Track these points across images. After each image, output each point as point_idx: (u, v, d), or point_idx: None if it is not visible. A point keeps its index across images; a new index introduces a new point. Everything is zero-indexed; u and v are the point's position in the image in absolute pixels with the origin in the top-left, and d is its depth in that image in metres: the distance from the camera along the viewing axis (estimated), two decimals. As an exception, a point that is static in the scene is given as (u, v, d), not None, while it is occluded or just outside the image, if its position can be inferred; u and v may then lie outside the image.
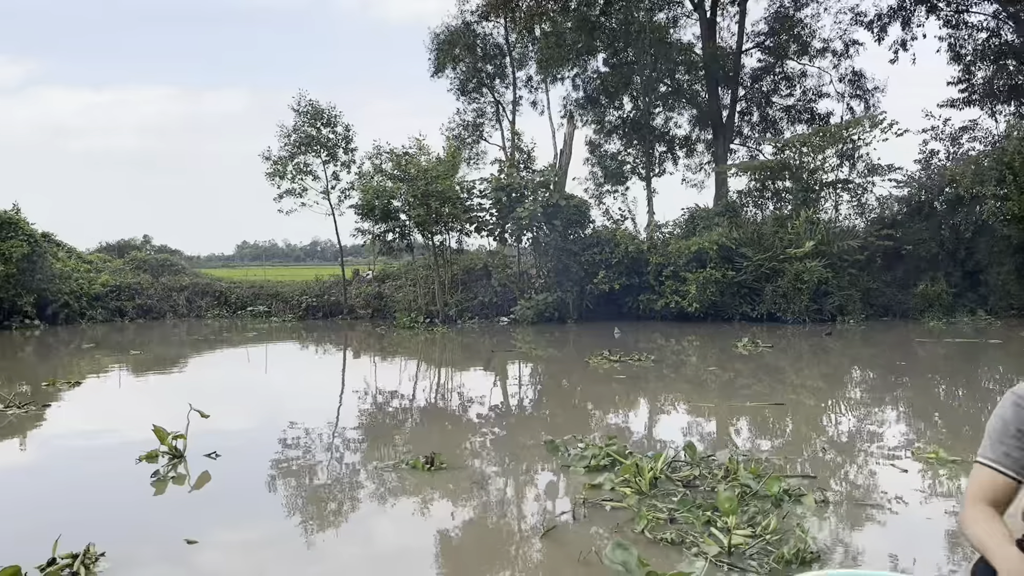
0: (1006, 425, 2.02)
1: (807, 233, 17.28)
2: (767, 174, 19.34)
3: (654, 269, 18.30)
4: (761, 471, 4.33)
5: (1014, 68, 21.30)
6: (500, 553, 3.62)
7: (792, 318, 16.87)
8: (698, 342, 14.33)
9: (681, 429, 6.60)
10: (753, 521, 3.64)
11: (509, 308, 19.50)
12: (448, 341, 16.00)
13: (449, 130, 26.34)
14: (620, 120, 24.71)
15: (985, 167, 16.78)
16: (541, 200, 18.79)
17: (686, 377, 10.10)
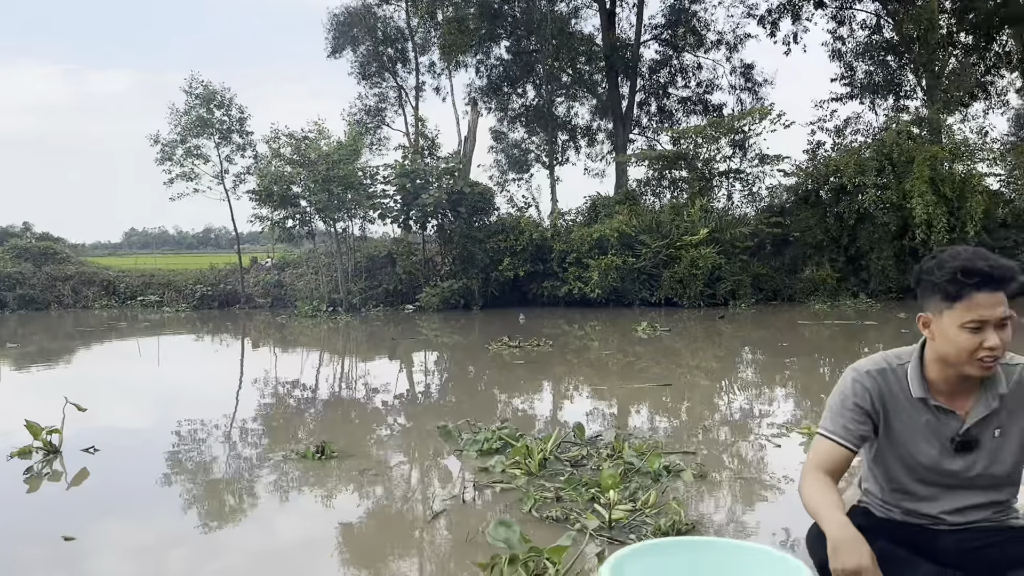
0: (844, 399, 2.20)
1: (702, 221, 17.94)
2: (664, 164, 19.97)
3: (558, 256, 18.62)
4: (645, 449, 4.52)
5: (893, 64, 22.66)
6: (386, 539, 3.66)
7: (688, 303, 17.49)
8: (600, 327, 14.68)
9: (574, 411, 6.79)
10: (634, 496, 3.80)
11: (414, 296, 19.45)
12: (352, 330, 15.83)
13: (350, 115, 25.98)
14: (523, 108, 24.93)
15: (866, 158, 17.82)
16: (446, 187, 18.80)
17: (586, 361, 10.36)
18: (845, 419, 2.17)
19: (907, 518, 2.22)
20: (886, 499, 2.26)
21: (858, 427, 2.17)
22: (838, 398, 2.22)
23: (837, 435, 2.17)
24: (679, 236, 17.82)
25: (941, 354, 2.08)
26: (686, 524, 3.50)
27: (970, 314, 1.98)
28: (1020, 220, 17.70)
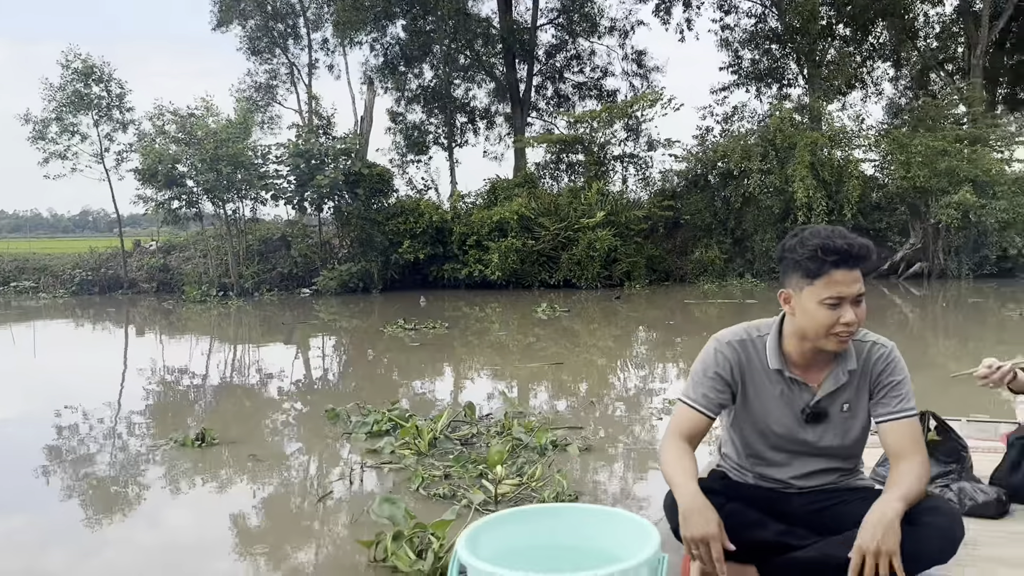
0: (706, 368, 2.33)
1: (598, 204, 18.34)
2: (562, 147, 20.27)
3: (458, 238, 18.64)
4: (533, 425, 4.64)
5: (777, 53, 23.68)
6: (269, 524, 3.64)
7: (586, 284, 17.87)
8: (500, 308, 14.84)
9: (468, 392, 6.88)
10: (521, 471, 3.91)
11: (311, 279, 19.06)
12: (244, 315, 15.39)
13: (239, 91, 25.03)
14: (421, 89, 24.69)
15: (752, 144, 18.61)
16: (343, 168, 18.46)
17: (487, 342, 10.46)
18: (705, 387, 2.30)
19: (760, 482, 2.38)
20: (741, 464, 2.42)
21: (717, 395, 2.29)
22: (700, 367, 2.34)
23: (697, 403, 2.30)
24: (577, 219, 18.16)
25: (800, 328, 2.22)
26: (570, 495, 3.64)
27: (828, 290, 2.10)
28: (892, 203, 18.89)
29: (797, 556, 2.15)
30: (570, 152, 20.34)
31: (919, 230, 18.24)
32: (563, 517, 1.83)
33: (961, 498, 2.74)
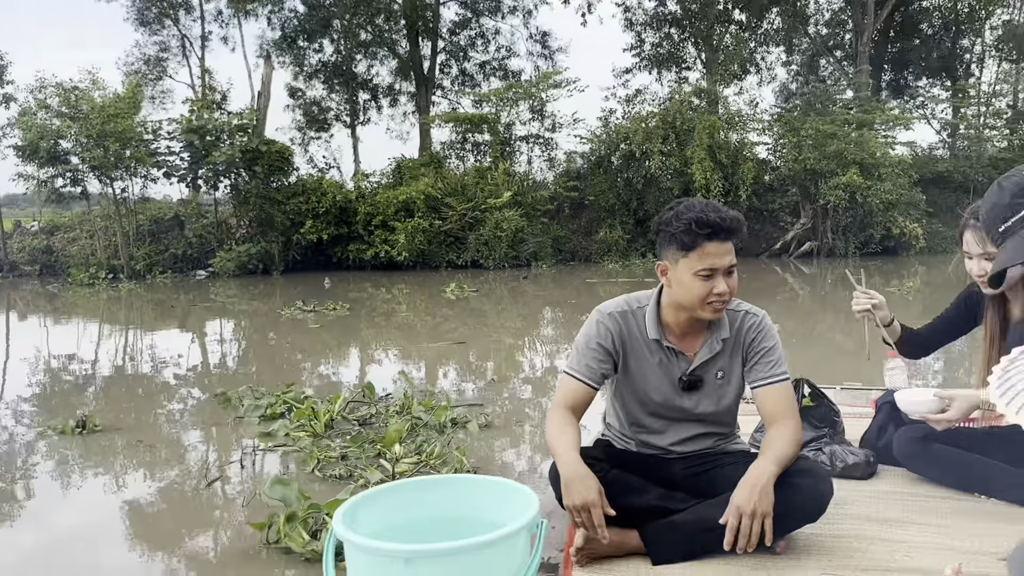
0: (589, 340, 2.39)
1: (505, 185, 18.40)
2: (467, 127, 20.19)
3: (363, 219, 18.36)
4: (433, 404, 4.65)
5: (677, 37, 24.25)
6: (157, 511, 3.53)
7: (494, 264, 17.94)
8: (408, 289, 14.72)
9: (369, 372, 6.83)
10: (420, 449, 3.92)
11: (207, 261, 18.39)
12: (136, 298, 14.73)
13: (127, 64, 23.78)
14: (321, 65, 24.06)
15: (653, 127, 19.03)
16: (239, 144, 17.84)
17: (393, 323, 10.37)
18: (588, 358, 2.36)
19: (642, 449, 2.47)
20: (624, 432, 2.50)
21: (600, 365, 2.36)
22: (583, 339, 2.40)
23: (581, 374, 2.36)
24: (484, 199, 18.17)
25: (676, 299, 2.31)
26: (468, 470, 3.67)
27: (702, 262, 2.18)
28: (784, 185, 19.72)
29: (675, 519, 2.25)
30: (476, 132, 20.30)
31: (809, 211, 19.13)
32: (445, 489, 1.84)
33: (833, 460, 2.91)
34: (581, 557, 2.18)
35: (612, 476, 2.25)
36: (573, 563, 2.19)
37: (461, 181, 18.89)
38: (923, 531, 2.47)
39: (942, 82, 24.86)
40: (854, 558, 2.28)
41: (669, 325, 2.37)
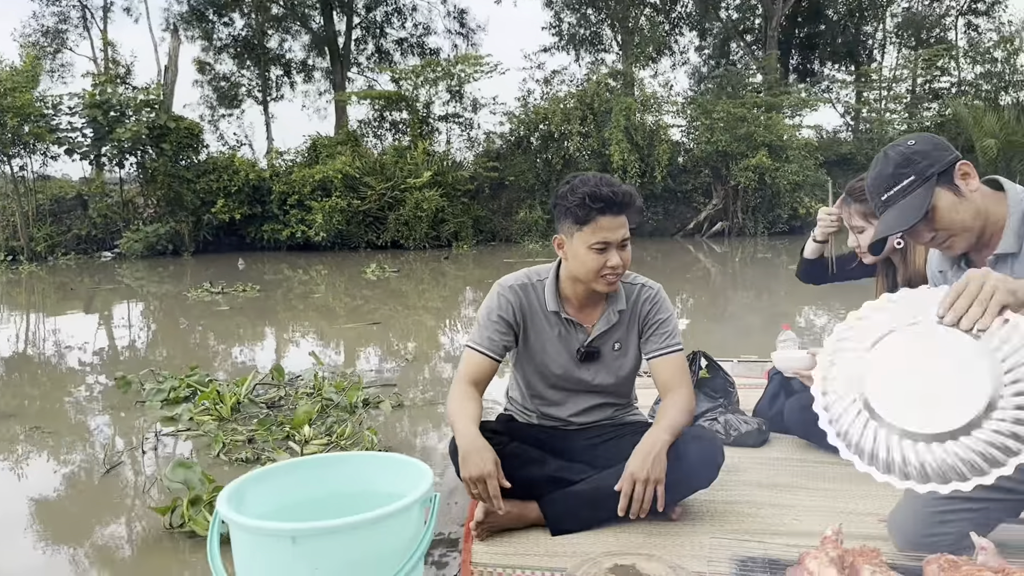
0: (490, 312, 2.40)
1: (425, 164, 18.22)
2: (385, 104, 19.88)
3: (278, 198, 17.89)
4: (345, 385, 4.59)
5: (594, 18, 24.40)
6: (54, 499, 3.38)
7: (414, 245, 17.79)
8: (326, 270, 14.46)
9: (280, 354, 6.70)
10: (330, 430, 3.87)
11: (113, 242, 17.63)
12: (38, 281, 13.99)
13: (24, 36, 22.44)
14: (231, 39, 23.22)
15: (571, 108, 19.14)
16: (146, 121, 17.10)
17: (311, 305, 10.14)
18: (490, 331, 2.37)
19: (543, 421, 2.51)
20: (526, 405, 2.53)
21: (501, 338, 2.38)
22: (485, 311, 2.41)
23: (482, 346, 2.37)
24: (403, 179, 17.95)
25: (572, 272, 2.34)
26: (379, 449, 3.64)
27: (596, 236, 2.21)
28: (697, 166, 20.14)
29: (573, 490, 2.29)
30: (394, 110, 19.99)
31: (721, 191, 19.64)
32: (338, 467, 1.82)
33: (727, 429, 3.01)
34: (481, 530, 2.20)
35: (511, 449, 2.28)
36: (473, 536, 2.21)
37: (379, 160, 18.60)
38: (811, 495, 2.59)
39: (846, 67, 25.81)
40: (745, 523, 2.37)
41: (568, 297, 2.40)
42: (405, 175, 17.98)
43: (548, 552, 2.16)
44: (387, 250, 17.67)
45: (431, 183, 17.83)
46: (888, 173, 1.85)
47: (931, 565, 1.65)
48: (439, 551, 2.18)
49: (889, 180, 1.85)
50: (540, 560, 2.11)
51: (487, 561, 2.10)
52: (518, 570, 2.05)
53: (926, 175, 1.81)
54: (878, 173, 1.88)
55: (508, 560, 2.10)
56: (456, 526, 2.34)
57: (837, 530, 1.80)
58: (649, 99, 19.90)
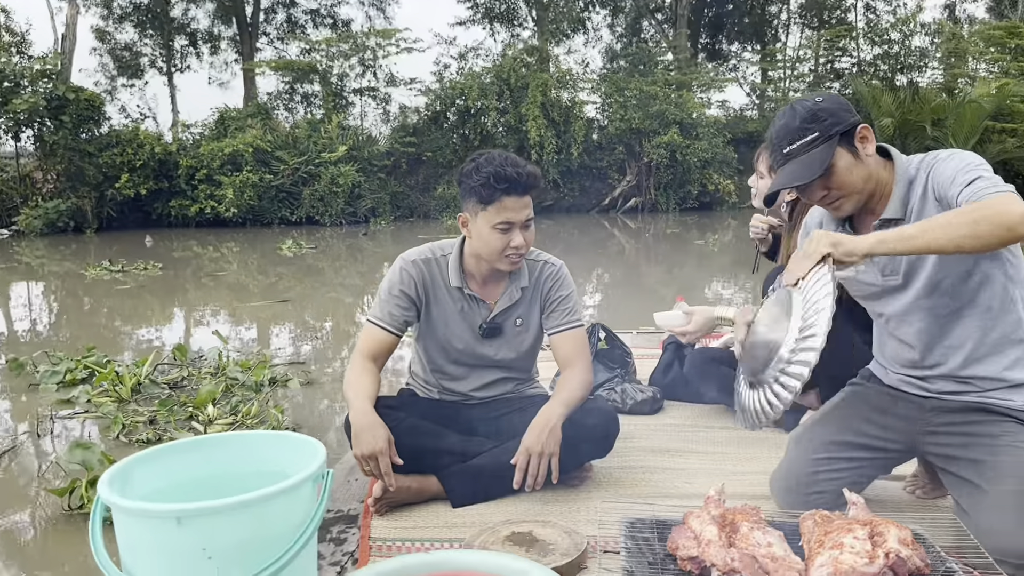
0: (392, 287, 2.38)
1: (339, 138, 17.84)
2: (296, 76, 19.32)
3: (185, 172, 17.21)
4: (250, 364, 4.50)
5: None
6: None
7: (330, 220, 17.44)
8: (238, 247, 14.04)
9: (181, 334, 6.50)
10: (235, 409, 3.79)
11: (10, 219, 16.63)
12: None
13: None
14: (132, 6, 22.06)
15: (487, 83, 19.04)
16: (43, 92, 16.14)
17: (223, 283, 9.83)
18: (391, 306, 2.36)
19: (444, 396, 2.52)
20: (428, 380, 2.53)
21: (403, 313, 2.37)
22: (386, 286, 2.39)
23: (383, 321, 2.35)
24: (317, 153, 17.53)
25: (476, 250, 2.34)
26: (287, 428, 3.60)
27: (499, 216, 2.21)
28: (611, 143, 20.39)
29: (473, 463, 2.32)
30: (305, 82, 19.44)
31: (634, 168, 19.96)
32: (230, 446, 1.79)
33: (624, 398, 3.10)
34: (381, 506, 2.21)
35: (409, 424, 2.28)
36: (372, 512, 2.21)
37: (292, 134, 18.10)
38: (701, 459, 2.70)
39: (752, 46, 26.51)
40: (638, 487, 2.46)
41: (471, 273, 2.41)
42: (319, 149, 17.57)
43: (447, 524, 2.19)
44: (302, 226, 17.27)
45: (347, 158, 17.49)
46: (794, 127, 1.87)
47: (806, 521, 1.75)
48: (337, 528, 2.17)
49: (794, 133, 1.88)
50: (439, 532, 2.14)
51: (385, 535, 2.11)
52: (417, 543, 2.07)
53: (830, 133, 1.85)
54: (784, 125, 1.91)
55: (407, 534, 2.12)
56: (356, 502, 2.33)
57: (720, 490, 1.87)
58: (564, 76, 19.98)
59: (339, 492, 2.42)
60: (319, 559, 1.98)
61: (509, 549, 1.94)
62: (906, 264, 1.92)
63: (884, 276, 1.98)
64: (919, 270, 1.91)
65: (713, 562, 1.55)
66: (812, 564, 1.55)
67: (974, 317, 1.91)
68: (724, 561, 1.54)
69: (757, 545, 1.60)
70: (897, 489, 2.39)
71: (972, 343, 1.92)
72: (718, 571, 1.54)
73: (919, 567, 1.53)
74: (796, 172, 1.86)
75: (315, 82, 19.30)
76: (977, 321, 1.91)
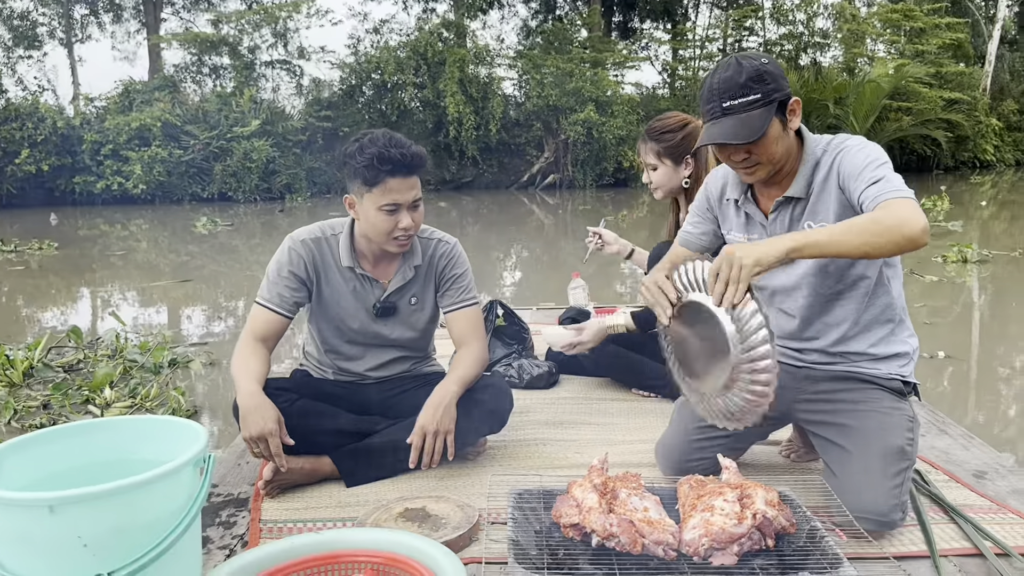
0: (280, 267, 2.30)
1: (252, 112, 17.28)
2: (204, 48, 18.57)
3: (90, 148, 16.38)
4: (150, 345, 4.36)
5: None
6: None
7: (244, 197, 16.94)
8: (147, 225, 13.48)
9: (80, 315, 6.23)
10: (134, 392, 3.68)
11: None
12: None
13: None
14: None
15: (403, 57, 18.73)
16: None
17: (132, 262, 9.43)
18: (280, 287, 2.30)
19: (339, 376, 2.49)
20: (322, 360, 2.50)
21: (293, 294, 2.31)
22: (275, 267, 2.31)
23: (272, 303, 2.29)
24: (229, 128, 16.94)
25: (364, 233, 2.30)
26: (187, 411, 3.52)
27: (385, 198, 2.15)
28: (529, 120, 20.43)
29: (367, 442, 2.30)
30: (213, 54, 18.69)
31: (552, 145, 20.06)
32: (109, 432, 1.73)
33: (521, 373, 3.14)
34: (271, 488, 2.18)
35: (301, 405, 2.25)
36: (263, 495, 2.18)
37: (202, 108, 17.42)
38: (593, 430, 2.76)
39: (664, 25, 26.82)
40: (532, 459, 2.50)
41: (363, 253, 2.36)
42: (231, 124, 16.98)
43: (340, 504, 2.17)
44: (214, 203, 16.71)
45: (260, 132, 16.97)
46: (739, 83, 1.82)
47: (683, 485, 1.81)
48: (227, 512, 2.14)
49: (737, 89, 1.82)
50: (333, 512, 2.12)
51: (277, 517, 2.08)
52: (309, 523, 2.05)
53: (771, 99, 1.83)
54: (728, 78, 1.84)
55: (299, 515, 2.10)
56: (247, 486, 2.30)
57: (603, 460, 1.92)
58: (482, 51, 19.83)
59: (230, 476, 2.38)
60: (208, 543, 1.95)
61: (402, 526, 1.94)
62: None
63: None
64: None
65: (593, 528, 1.59)
66: (685, 526, 1.62)
67: (853, 299, 2.01)
68: (603, 527, 1.58)
69: (634, 510, 1.65)
70: (773, 453, 2.51)
71: (848, 324, 2.03)
72: (598, 536, 1.59)
73: (784, 526, 1.61)
74: (734, 130, 1.82)
75: (223, 54, 18.58)
76: (855, 303, 2.01)
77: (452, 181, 19.67)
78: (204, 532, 1.97)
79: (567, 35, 21.68)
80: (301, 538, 1.66)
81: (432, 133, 18.98)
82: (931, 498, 2.18)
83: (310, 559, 1.61)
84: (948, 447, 2.63)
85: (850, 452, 1.97)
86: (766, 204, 2.04)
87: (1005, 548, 1.89)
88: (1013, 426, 3.71)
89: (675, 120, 2.80)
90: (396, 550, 1.62)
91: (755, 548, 1.58)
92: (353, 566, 1.60)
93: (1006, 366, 4.69)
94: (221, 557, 1.89)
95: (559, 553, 1.61)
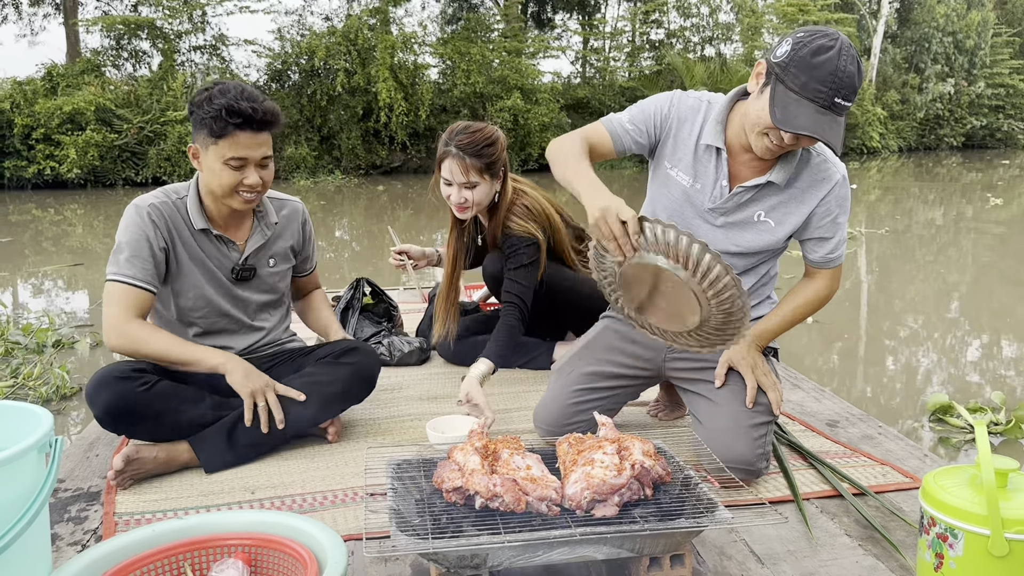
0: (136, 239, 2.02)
1: (184, 97, 16.37)
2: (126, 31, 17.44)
3: (21, 132, 15.23)
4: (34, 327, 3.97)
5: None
6: None
7: (179, 181, 15.98)
8: (83, 211, 12.63)
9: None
10: (16, 372, 3.30)
11: None
12: None
13: None
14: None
15: (333, 43, 17.96)
16: None
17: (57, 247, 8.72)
18: (141, 260, 2.02)
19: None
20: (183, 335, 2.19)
21: (154, 267, 2.04)
22: (130, 239, 2.03)
23: (137, 279, 2.01)
24: (162, 112, 16.00)
25: (207, 185, 2.05)
26: (71, 388, 3.16)
27: (232, 151, 1.94)
28: (457, 107, 19.95)
29: (220, 423, 2.05)
30: (134, 38, 17.54)
31: (479, 130, 19.67)
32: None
33: (391, 350, 2.91)
34: (123, 479, 1.91)
35: (160, 388, 1.97)
36: (115, 488, 1.88)
37: (133, 92, 16.38)
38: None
39: (578, 16, 26.50)
40: (407, 433, 2.32)
41: (213, 214, 2.10)
42: (163, 108, 16.03)
43: (203, 492, 1.92)
44: (148, 187, 15.78)
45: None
46: (855, 86, 1.61)
47: (562, 444, 1.70)
48: (77, 506, 1.84)
49: (851, 93, 1.61)
50: (194, 501, 1.88)
51: (133, 509, 1.82)
52: (169, 512, 1.79)
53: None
54: (853, 75, 1.60)
55: (157, 505, 1.84)
56: (98, 479, 2.00)
57: (483, 424, 1.77)
58: (408, 38, 19.21)
59: (78, 469, 2.09)
60: (57, 541, 1.68)
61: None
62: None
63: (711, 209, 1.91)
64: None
65: (477, 490, 1.48)
66: (567, 481, 1.53)
67: (752, 276, 2.01)
68: (487, 487, 1.47)
69: (517, 468, 1.55)
70: (641, 414, 2.47)
71: None
72: (481, 498, 1.47)
73: (661, 475, 1.57)
74: (833, 131, 1.60)
75: (143, 39, 17.46)
76: (752, 279, 2.01)
77: (381, 166, 19.15)
78: (52, 529, 1.73)
79: (486, 23, 21.18)
80: (164, 524, 1.43)
81: (361, 119, 18.33)
82: (790, 447, 2.19)
83: (175, 546, 1.40)
84: (802, 400, 2.65)
85: (719, 405, 1.96)
86: (736, 169, 1.88)
87: (861, 487, 1.93)
88: (860, 379, 3.78)
89: (484, 133, 2.53)
90: (270, 531, 1.43)
91: (634, 498, 1.53)
92: (224, 550, 1.41)
93: (857, 330, 4.79)
94: (72, 554, 1.59)
95: (442, 519, 1.48)
